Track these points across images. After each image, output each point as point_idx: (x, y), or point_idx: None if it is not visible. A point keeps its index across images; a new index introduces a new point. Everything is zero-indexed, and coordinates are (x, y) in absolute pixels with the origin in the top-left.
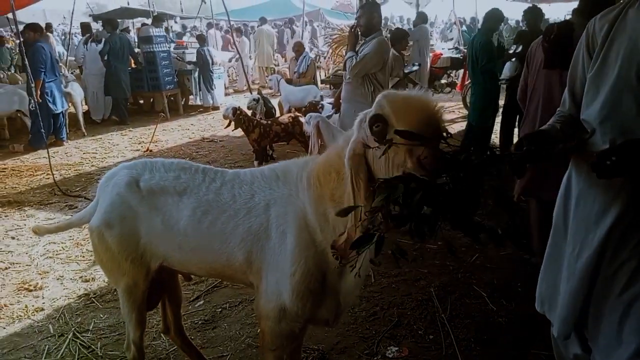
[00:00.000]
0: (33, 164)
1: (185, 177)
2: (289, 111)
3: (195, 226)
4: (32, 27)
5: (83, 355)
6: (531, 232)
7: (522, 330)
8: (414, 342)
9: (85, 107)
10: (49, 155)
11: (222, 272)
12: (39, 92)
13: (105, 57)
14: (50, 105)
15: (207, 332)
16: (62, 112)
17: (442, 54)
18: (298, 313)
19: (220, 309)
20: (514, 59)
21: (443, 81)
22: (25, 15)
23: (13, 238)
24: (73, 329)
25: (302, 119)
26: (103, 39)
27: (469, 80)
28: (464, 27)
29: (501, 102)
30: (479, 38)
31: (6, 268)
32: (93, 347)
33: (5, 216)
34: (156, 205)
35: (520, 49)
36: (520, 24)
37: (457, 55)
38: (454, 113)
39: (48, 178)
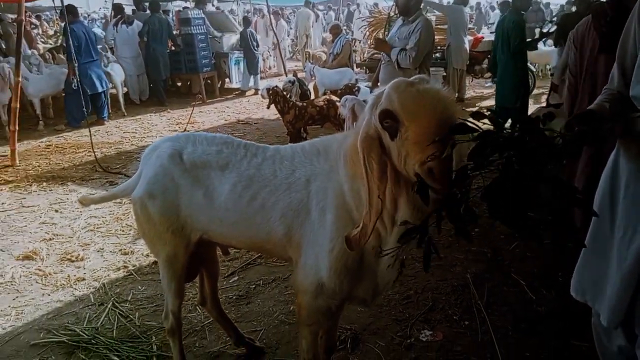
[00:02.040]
0: (75, 141)
1: (227, 152)
2: (324, 94)
3: (236, 201)
4: (66, 10)
5: (121, 324)
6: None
7: (563, 320)
8: (449, 327)
9: (125, 89)
10: (90, 134)
11: (262, 246)
12: (72, 73)
13: (145, 38)
14: (85, 86)
15: (241, 307)
16: (103, 92)
17: (483, 37)
18: (335, 290)
19: (254, 286)
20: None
21: (484, 65)
22: None
23: (57, 211)
24: (112, 299)
25: (338, 102)
26: (135, 20)
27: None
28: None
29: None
30: (510, 17)
31: (50, 239)
32: (131, 316)
33: (50, 190)
34: (198, 179)
35: (554, 28)
36: (564, 8)
37: None
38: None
39: (90, 155)
